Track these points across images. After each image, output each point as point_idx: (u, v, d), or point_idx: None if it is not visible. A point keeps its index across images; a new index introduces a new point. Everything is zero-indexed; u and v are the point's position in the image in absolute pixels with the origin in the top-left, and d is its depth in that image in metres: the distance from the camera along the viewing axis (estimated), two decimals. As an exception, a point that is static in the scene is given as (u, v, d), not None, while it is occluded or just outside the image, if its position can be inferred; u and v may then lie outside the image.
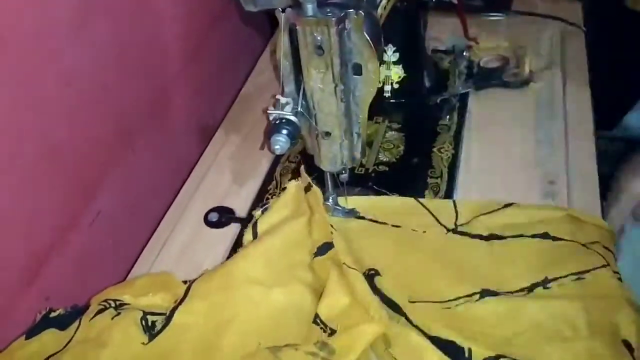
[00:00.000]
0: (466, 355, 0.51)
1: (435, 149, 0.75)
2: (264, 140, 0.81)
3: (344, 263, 0.57)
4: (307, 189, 0.66)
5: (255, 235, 0.65)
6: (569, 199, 0.67)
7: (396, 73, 0.80)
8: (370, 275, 0.58)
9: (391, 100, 0.82)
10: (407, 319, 0.54)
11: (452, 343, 0.51)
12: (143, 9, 0.74)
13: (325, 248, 0.60)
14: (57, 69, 0.60)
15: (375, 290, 0.56)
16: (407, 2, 0.75)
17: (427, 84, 0.84)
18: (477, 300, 0.57)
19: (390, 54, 0.79)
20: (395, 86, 0.81)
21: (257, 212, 0.68)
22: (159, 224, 0.74)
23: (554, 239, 0.60)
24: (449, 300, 0.57)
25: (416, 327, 0.53)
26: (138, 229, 0.75)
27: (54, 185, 0.63)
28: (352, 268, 0.57)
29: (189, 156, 0.85)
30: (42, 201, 0.61)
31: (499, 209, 0.65)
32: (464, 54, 0.88)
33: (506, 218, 0.64)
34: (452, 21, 0.92)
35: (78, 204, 0.67)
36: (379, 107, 0.80)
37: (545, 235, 0.61)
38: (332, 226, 0.61)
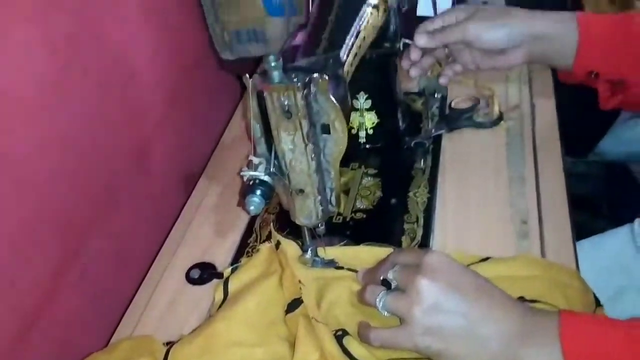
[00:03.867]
0: None
1: (410, 194, 0.76)
2: (239, 199, 0.82)
3: (312, 317, 0.58)
4: (277, 246, 0.67)
5: (226, 294, 0.66)
6: (541, 238, 0.69)
7: (370, 119, 0.82)
8: (339, 337, 0.57)
9: (366, 146, 0.83)
10: None
11: None
12: (118, 65, 0.75)
13: (294, 304, 0.61)
14: (37, 127, 0.60)
15: (345, 350, 0.56)
16: (376, 53, 0.76)
17: (401, 127, 0.86)
18: None
19: (363, 102, 0.81)
20: (370, 132, 0.83)
21: (227, 270, 0.69)
22: (143, 279, 0.75)
23: (531, 301, 0.59)
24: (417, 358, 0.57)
25: None
26: (122, 286, 0.76)
27: (38, 248, 0.62)
28: (321, 322, 0.57)
29: (172, 206, 0.85)
30: (26, 263, 0.61)
31: (475, 263, 0.64)
32: (436, 95, 0.90)
33: (483, 274, 0.59)
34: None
35: (61, 266, 0.67)
36: (354, 153, 0.82)
37: (521, 299, 0.58)
38: (300, 282, 0.62)
